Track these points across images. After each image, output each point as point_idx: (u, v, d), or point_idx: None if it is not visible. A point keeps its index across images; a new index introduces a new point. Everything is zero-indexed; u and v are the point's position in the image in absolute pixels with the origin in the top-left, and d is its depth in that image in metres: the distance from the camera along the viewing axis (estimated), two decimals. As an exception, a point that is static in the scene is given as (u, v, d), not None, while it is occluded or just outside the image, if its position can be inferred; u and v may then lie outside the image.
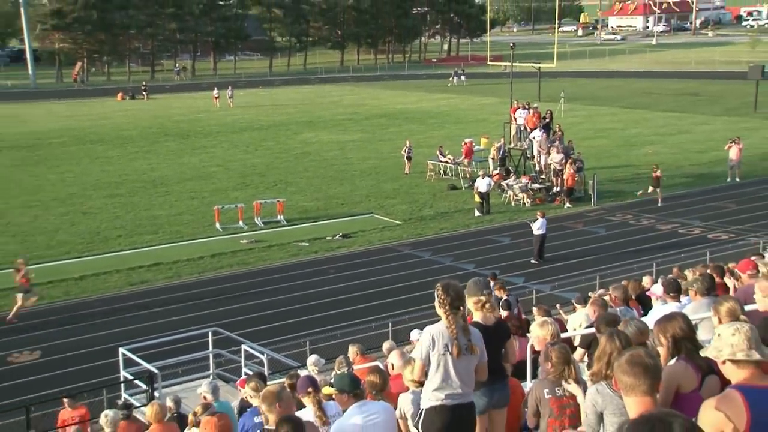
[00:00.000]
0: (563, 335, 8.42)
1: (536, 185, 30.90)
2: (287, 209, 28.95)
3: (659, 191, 29.88)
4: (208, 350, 15.59)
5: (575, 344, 8.87)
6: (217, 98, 65.09)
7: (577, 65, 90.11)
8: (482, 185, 28.73)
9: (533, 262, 23.59)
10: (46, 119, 58.34)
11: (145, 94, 72.63)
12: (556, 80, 68.19)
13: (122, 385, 14.70)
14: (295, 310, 20.29)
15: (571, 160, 30.57)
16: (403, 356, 8.18)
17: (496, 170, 32.71)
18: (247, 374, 13.24)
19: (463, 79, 79.35)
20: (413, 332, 12.36)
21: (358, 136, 48.15)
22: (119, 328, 19.22)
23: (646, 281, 15.00)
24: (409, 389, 6.75)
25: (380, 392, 6.53)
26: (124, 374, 14.69)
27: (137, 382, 14.55)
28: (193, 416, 9.47)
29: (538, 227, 23.59)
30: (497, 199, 30.25)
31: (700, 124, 49.00)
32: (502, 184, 30.99)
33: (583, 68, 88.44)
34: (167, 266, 23.76)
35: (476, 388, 6.19)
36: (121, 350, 14.80)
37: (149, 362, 14.07)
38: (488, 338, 6.27)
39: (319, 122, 54.25)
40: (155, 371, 13.70)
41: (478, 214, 28.74)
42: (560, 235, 25.84)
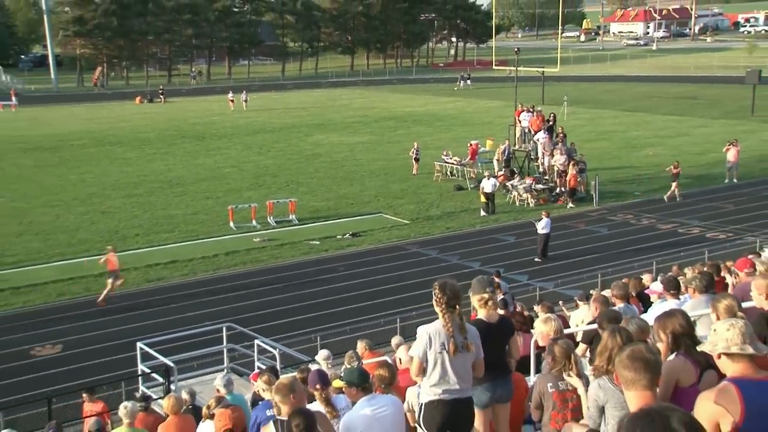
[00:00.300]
0: (566, 331, 8.41)
1: (540, 186, 30.84)
2: (299, 209, 28.97)
3: (675, 187, 29.91)
4: (222, 345, 15.65)
5: (578, 340, 8.84)
6: (232, 101, 65.17)
7: (579, 70, 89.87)
8: (487, 186, 28.71)
9: (537, 260, 23.55)
10: (67, 122, 58.52)
11: (162, 97, 72.80)
12: (559, 84, 68.08)
13: (140, 378, 14.75)
14: (306, 306, 20.31)
15: (573, 161, 30.55)
16: (410, 351, 8.16)
17: (501, 171, 32.65)
18: (259, 368, 13.26)
19: (469, 82, 79.21)
20: (420, 328, 12.32)
21: (367, 138, 48.12)
22: (137, 323, 19.29)
23: (646, 279, 14.97)
24: (416, 383, 6.73)
25: (389, 386, 6.53)
26: (141, 368, 14.74)
27: (154, 375, 14.61)
28: (206, 409, 9.48)
29: (542, 226, 23.54)
30: (502, 199, 30.19)
31: (698, 126, 48.79)
32: (506, 184, 30.96)
33: (585, 72, 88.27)
34: (183, 264, 23.82)
35: (478, 383, 6.16)
36: (138, 345, 14.85)
37: (166, 356, 14.11)
38: (492, 335, 6.25)
39: (329, 125, 54.26)
40: (171, 365, 13.75)
41: (483, 213, 28.71)
42: (563, 234, 25.77)
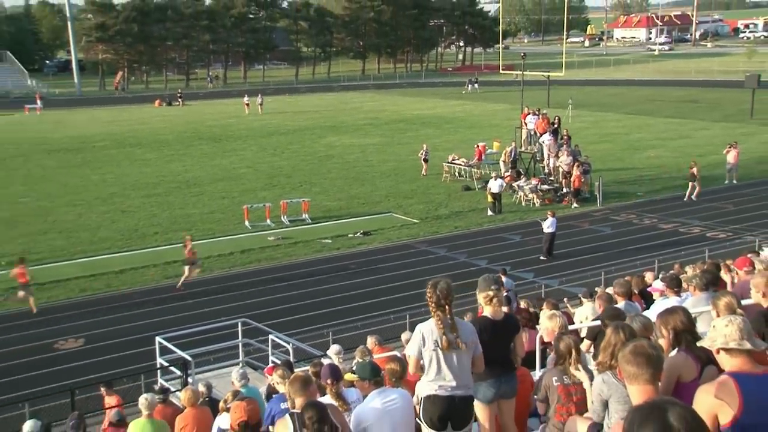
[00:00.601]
0: (570, 327, 8.39)
1: (545, 186, 30.76)
2: (312, 208, 29.00)
3: (694, 185, 29.85)
4: (237, 339, 15.66)
5: (582, 336, 8.82)
6: (247, 105, 65.21)
7: (584, 74, 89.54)
8: (494, 186, 28.67)
9: (542, 258, 23.49)
10: (89, 124, 58.76)
11: (180, 101, 73.01)
12: (564, 88, 67.80)
13: (158, 371, 14.80)
14: (318, 302, 20.33)
15: (578, 162, 30.47)
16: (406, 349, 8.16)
17: (507, 172, 32.58)
18: (274, 362, 13.27)
19: (476, 86, 79.03)
20: (417, 326, 12.31)
21: (378, 140, 48.11)
22: (156, 318, 19.36)
23: (648, 277, 14.90)
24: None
25: (399, 380, 6.54)
26: (160, 361, 14.77)
27: (172, 368, 14.66)
28: (223, 403, 9.52)
29: (548, 226, 23.50)
30: (508, 199, 30.14)
31: (699, 129, 48.55)
32: (513, 185, 30.89)
33: (589, 77, 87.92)
34: (200, 261, 23.87)
35: (483, 379, 6.14)
36: (157, 339, 14.90)
37: (183, 350, 14.13)
38: (497, 332, 6.23)
39: (341, 127, 54.26)
40: (189, 359, 13.77)
41: (490, 213, 28.67)
42: (568, 233, 25.69)
